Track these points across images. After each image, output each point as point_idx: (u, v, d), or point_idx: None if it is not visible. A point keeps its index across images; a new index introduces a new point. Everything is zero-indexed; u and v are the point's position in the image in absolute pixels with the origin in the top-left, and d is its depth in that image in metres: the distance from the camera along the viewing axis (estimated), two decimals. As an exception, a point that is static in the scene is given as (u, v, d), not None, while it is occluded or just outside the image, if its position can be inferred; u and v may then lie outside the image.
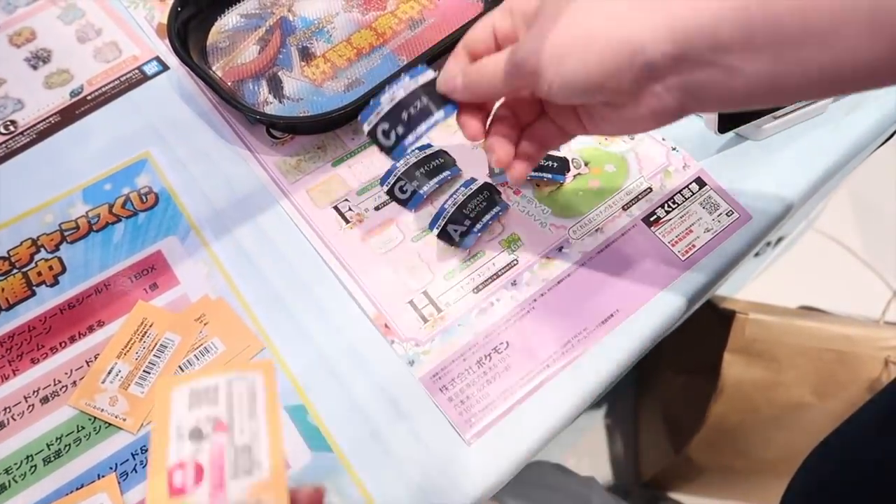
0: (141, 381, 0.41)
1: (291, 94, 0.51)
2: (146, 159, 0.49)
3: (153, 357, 0.41)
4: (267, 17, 0.56)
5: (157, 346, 0.42)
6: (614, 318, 0.43)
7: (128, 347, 0.42)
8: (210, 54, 0.54)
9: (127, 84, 0.53)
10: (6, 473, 0.38)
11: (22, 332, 0.42)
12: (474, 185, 0.47)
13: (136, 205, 0.47)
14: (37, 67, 0.54)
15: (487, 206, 0.46)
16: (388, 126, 0.37)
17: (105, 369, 0.41)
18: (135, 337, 0.42)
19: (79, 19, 0.57)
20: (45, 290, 0.44)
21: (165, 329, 0.42)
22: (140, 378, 0.41)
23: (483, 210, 0.46)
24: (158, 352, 0.41)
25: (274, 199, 0.48)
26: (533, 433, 0.40)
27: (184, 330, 0.42)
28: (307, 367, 0.42)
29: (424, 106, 0.37)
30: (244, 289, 0.44)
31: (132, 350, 0.42)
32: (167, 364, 0.41)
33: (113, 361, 0.41)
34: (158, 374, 0.41)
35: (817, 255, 1.25)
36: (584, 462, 1.08)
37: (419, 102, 0.37)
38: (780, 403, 0.82)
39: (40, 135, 0.51)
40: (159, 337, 0.42)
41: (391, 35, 0.54)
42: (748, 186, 0.47)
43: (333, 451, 0.39)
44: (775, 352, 0.80)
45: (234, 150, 0.50)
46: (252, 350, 0.42)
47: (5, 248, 0.46)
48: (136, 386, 0.41)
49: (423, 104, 0.37)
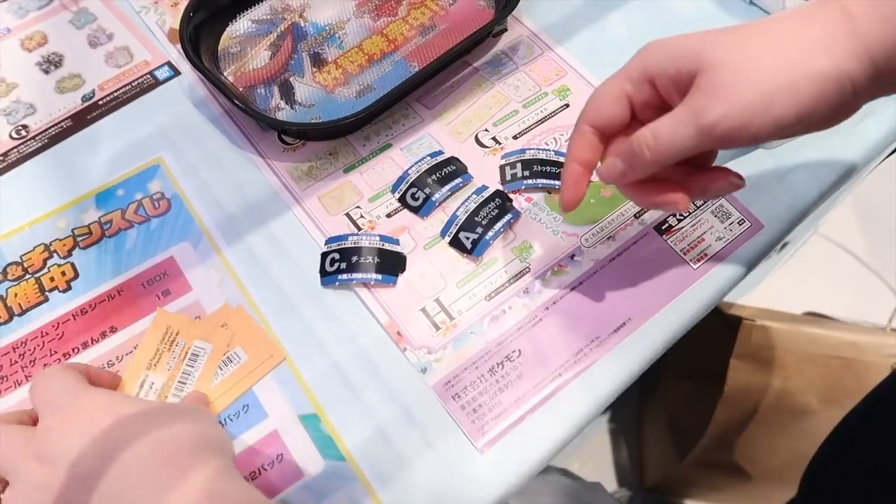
0: (178, 392, 0.40)
1: (303, 100, 0.52)
2: (159, 165, 0.49)
3: (186, 367, 0.41)
4: (278, 23, 0.56)
5: (188, 354, 0.41)
6: (627, 326, 0.43)
7: (156, 358, 0.41)
8: (221, 60, 0.54)
9: (139, 89, 0.53)
10: (19, 480, 0.38)
11: (35, 338, 0.42)
12: (486, 192, 0.47)
13: (148, 210, 0.47)
14: (48, 72, 0.54)
15: (499, 214, 0.46)
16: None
17: (136, 383, 0.41)
18: (162, 347, 0.42)
19: (90, 24, 0.57)
20: (57, 295, 0.44)
21: (194, 337, 0.42)
22: (176, 389, 0.40)
23: (495, 217, 0.46)
24: (191, 361, 0.41)
25: (286, 205, 0.48)
26: (545, 441, 0.40)
27: (212, 337, 0.42)
28: (320, 376, 0.42)
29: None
30: (256, 296, 0.44)
31: (162, 361, 0.41)
32: (202, 373, 0.41)
33: (144, 373, 0.41)
34: (195, 383, 0.41)
35: (822, 260, 1.25)
36: (589, 467, 1.08)
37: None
38: (786, 410, 0.82)
39: (52, 139, 0.51)
40: (189, 346, 0.42)
41: (402, 41, 0.54)
42: (760, 195, 0.47)
43: (346, 459, 0.39)
44: (782, 358, 0.80)
45: (245, 155, 0.50)
46: (274, 360, 0.42)
47: (18, 253, 0.46)
48: (174, 398, 0.40)
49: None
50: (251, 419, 0.40)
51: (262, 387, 0.41)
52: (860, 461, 0.51)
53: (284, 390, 0.41)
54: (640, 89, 0.35)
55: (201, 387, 0.40)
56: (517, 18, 0.56)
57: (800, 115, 0.31)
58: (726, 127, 0.32)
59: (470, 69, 0.54)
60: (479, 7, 0.56)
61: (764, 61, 0.32)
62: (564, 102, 0.52)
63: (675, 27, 0.55)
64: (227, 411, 0.40)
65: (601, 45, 0.54)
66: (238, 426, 0.40)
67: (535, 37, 0.55)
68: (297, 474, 0.39)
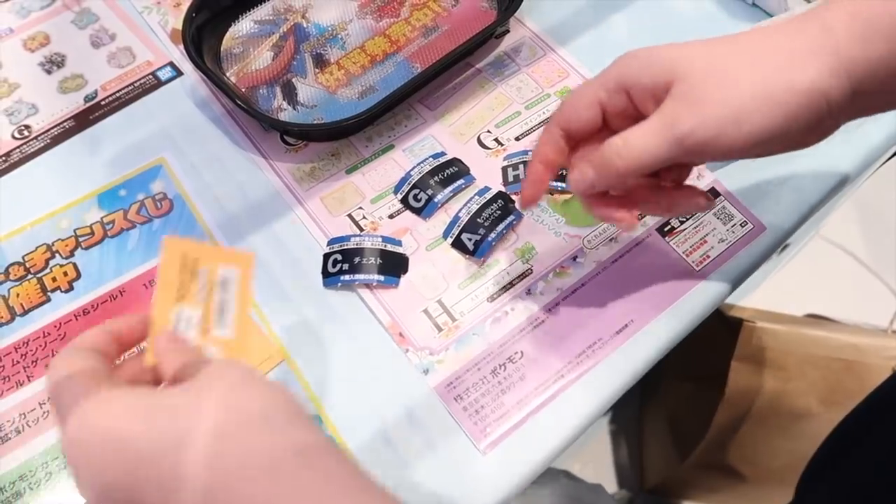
0: (221, 323, 0.33)
1: (305, 101, 0.52)
2: (161, 165, 0.49)
3: (219, 296, 0.33)
4: (281, 24, 0.56)
5: (216, 283, 0.33)
6: (629, 328, 0.43)
7: (183, 290, 0.33)
8: (224, 60, 0.54)
9: (141, 89, 0.53)
10: (21, 480, 0.38)
11: (37, 338, 0.42)
12: (489, 193, 0.47)
13: (150, 211, 0.47)
14: (51, 72, 0.54)
15: (502, 215, 0.46)
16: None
17: (169, 319, 0.32)
18: (184, 276, 0.33)
19: (93, 24, 0.57)
20: (59, 295, 0.44)
21: (217, 262, 0.34)
22: (218, 320, 0.33)
23: (497, 219, 0.46)
24: (223, 288, 0.33)
25: (288, 206, 0.48)
26: (547, 443, 0.40)
27: (253, 353, 0.40)
28: (322, 377, 0.42)
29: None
30: (259, 296, 0.44)
31: (190, 292, 0.33)
32: (240, 300, 0.33)
33: (174, 308, 0.33)
34: (235, 311, 0.33)
35: (824, 262, 1.25)
36: (589, 468, 1.08)
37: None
38: (787, 412, 0.82)
39: (55, 140, 0.51)
40: (214, 273, 0.33)
41: (405, 42, 0.54)
42: (762, 197, 0.47)
43: (348, 459, 0.39)
44: (783, 360, 0.80)
45: (248, 156, 0.50)
46: (273, 361, 0.42)
47: (21, 253, 0.46)
48: (219, 329, 0.33)
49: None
50: (253, 420, 0.40)
51: (263, 387, 0.41)
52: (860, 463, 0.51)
53: (286, 391, 0.41)
54: (614, 98, 0.34)
55: (245, 313, 0.34)
56: (519, 20, 0.56)
57: (772, 131, 0.31)
58: (697, 139, 0.31)
59: (472, 70, 0.54)
60: (481, 8, 0.56)
61: (739, 74, 0.31)
62: (567, 104, 0.52)
63: (677, 29, 0.55)
64: (228, 412, 0.40)
65: (604, 46, 0.54)
66: (240, 427, 0.40)
67: (537, 38, 0.55)
68: (299, 475, 0.39)
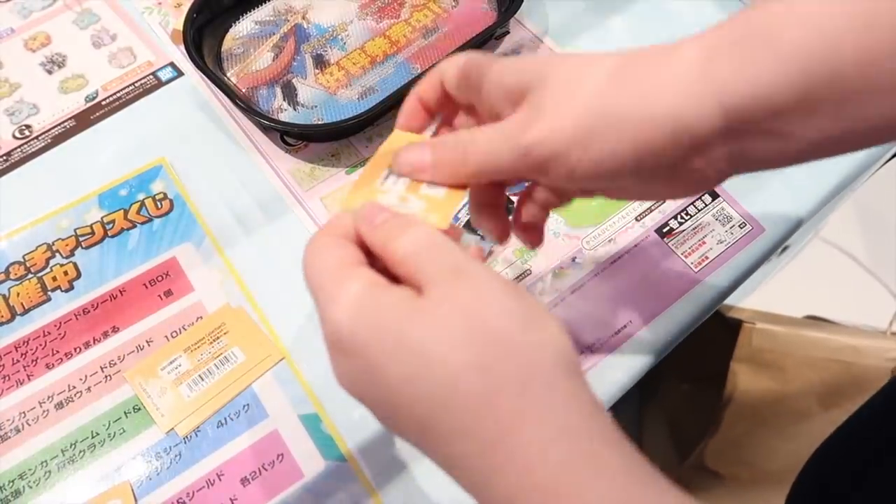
0: (193, 384, 0.41)
1: (305, 102, 0.52)
2: (161, 165, 0.49)
3: (213, 366, 0.41)
4: (281, 25, 0.56)
5: (221, 356, 0.42)
6: (627, 329, 0.43)
7: (197, 346, 0.42)
8: (224, 61, 0.54)
9: (142, 90, 0.53)
10: (21, 479, 0.38)
11: (37, 338, 0.43)
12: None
13: (151, 211, 0.47)
14: (52, 72, 0.54)
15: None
16: None
17: (169, 358, 0.41)
18: (207, 338, 0.42)
19: (94, 24, 0.57)
20: (60, 295, 0.44)
21: (236, 343, 0.42)
22: (193, 381, 0.41)
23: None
24: (220, 363, 0.42)
25: (288, 206, 0.48)
26: (546, 444, 0.40)
27: (252, 351, 0.42)
28: (320, 376, 0.42)
29: None
30: (258, 296, 0.44)
31: (200, 350, 0.42)
32: (222, 378, 0.41)
33: (179, 353, 0.42)
34: (211, 385, 0.41)
35: (823, 264, 1.25)
36: (588, 469, 1.07)
37: None
38: (786, 413, 0.82)
39: (55, 140, 0.51)
40: (227, 347, 0.42)
41: (405, 43, 0.54)
42: (761, 199, 0.47)
43: (347, 459, 0.39)
44: (782, 362, 0.80)
45: (248, 156, 0.50)
46: (271, 360, 0.42)
47: (21, 252, 0.46)
48: (186, 387, 0.41)
49: None
50: (252, 418, 0.40)
51: (262, 387, 0.41)
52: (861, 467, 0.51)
53: (285, 390, 0.41)
54: (464, 89, 0.31)
55: (216, 387, 0.41)
56: (519, 21, 0.56)
57: (621, 160, 0.26)
58: (542, 153, 0.27)
59: (472, 71, 0.54)
60: (481, 10, 0.56)
61: (596, 91, 0.27)
62: (566, 105, 0.52)
63: (676, 31, 0.55)
64: (226, 410, 0.40)
65: (604, 48, 0.54)
66: (239, 425, 0.40)
67: (537, 40, 0.55)
68: (298, 475, 0.39)
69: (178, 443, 0.39)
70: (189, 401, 0.40)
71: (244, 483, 0.38)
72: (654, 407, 1.04)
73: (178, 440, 0.39)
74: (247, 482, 0.38)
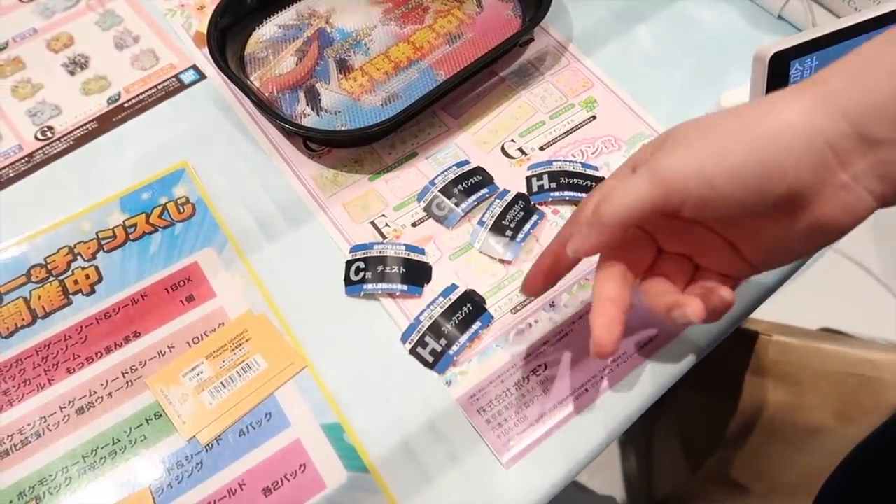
0: (215, 391, 0.40)
1: (329, 107, 0.51)
2: (183, 169, 0.49)
3: (235, 373, 0.41)
4: (305, 29, 0.55)
5: (243, 363, 0.41)
6: (654, 342, 0.43)
7: (219, 352, 0.42)
8: (248, 64, 0.54)
9: (164, 92, 0.53)
10: (41, 484, 0.38)
11: (58, 341, 0.42)
12: (508, 195, 0.47)
13: (173, 215, 0.47)
14: (74, 73, 0.54)
15: (525, 216, 0.46)
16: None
17: (190, 364, 0.41)
18: (229, 345, 0.42)
19: (116, 26, 0.57)
20: (81, 298, 0.44)
21: (258, 350, 0.42)
22: (215, 388, 0.40)
23: (522, 220, 0.46)
24: (242, 370, 0.41)
25: (311, 212, 0.47)
26: (571, 458, 0.39)
27: (275, 359, 0.42)
28: (344, 385, 0.41)
29: None
30: (280, 303, 0.44)
31: (221, 356, 0.41)
32: (244, 386, 0.41)
33: (200, 360, 0.41)
34: (233, 393, 0.40)
35: (836, 275, 1.24)
36: (597, 479, 1.07)
37: None
38: (801, 427, 0.81)
39: (77, 141, 0.51)
40: (249, 355, 0.42)
41: (429, 49, 0.54)
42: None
43: (370, 471, 0.39)
44: (798, 374, 0.80)
45: (271, 161, 0.50)
46: (294, 368, 0.41)
47: (42, 255, 0.45)
48: (209, 395, 0.40)
49: None
50: (274, 427, 0.40)
51: (284, 395, 0.41)
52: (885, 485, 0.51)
53: (307, 399, 0.41)
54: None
55: (237, 395, 0.41)
56: (544, 28, 0.56)
57: (761, 165, 0.27)
58: (676, 173, 0.28)
59: (496, 78, 0.54)
60: (506, 17, 0.56)
61: (720, 121, 0.29)
62: (591, 114, 0.51)
63: (701, 40, 0.55)
64: (248, 419, 0.40)
65: (628, 57, 0.54)
66: (261, 434, 0.40)
67: (561, 47, 0.55)
68: (320, 485, 0.38)
69: (200, 451, 0.39)
70: (211, 408, 0.40)
71: (266, 493, 0.38)
72: (666, 417, 1.04)
73: (200, 448, 0.39)
74: (269, 492, 0.38)
